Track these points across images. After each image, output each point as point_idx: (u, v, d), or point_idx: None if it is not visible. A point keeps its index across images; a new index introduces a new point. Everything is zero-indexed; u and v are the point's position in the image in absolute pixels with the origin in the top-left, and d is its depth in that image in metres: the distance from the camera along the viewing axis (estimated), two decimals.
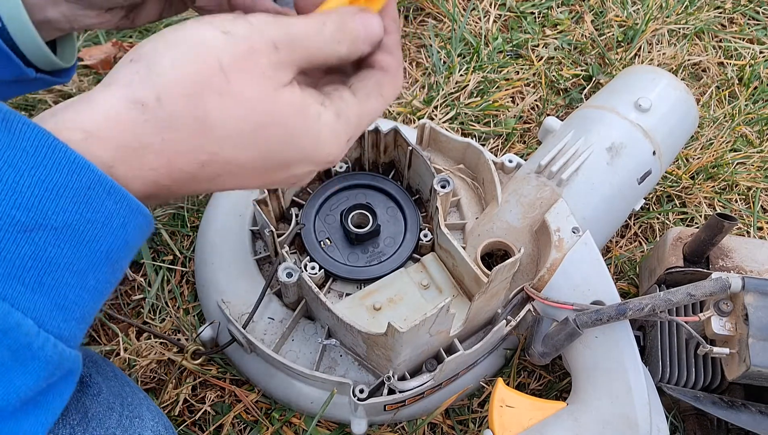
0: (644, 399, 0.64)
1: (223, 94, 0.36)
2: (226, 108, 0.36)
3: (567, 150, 0.79)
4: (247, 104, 0.36)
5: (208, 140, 0.36)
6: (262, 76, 0.37)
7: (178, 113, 0.35)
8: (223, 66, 0.35)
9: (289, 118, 0.38)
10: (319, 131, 0.39)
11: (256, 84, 0.36)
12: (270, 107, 0.37)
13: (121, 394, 0.54)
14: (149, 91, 0.35)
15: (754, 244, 0.78)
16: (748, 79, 1.09)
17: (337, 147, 0.41)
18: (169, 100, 0.35)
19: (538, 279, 0.71)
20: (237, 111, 0.36)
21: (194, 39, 0.36)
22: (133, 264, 0.89)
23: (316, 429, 0.77)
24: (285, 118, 0.38)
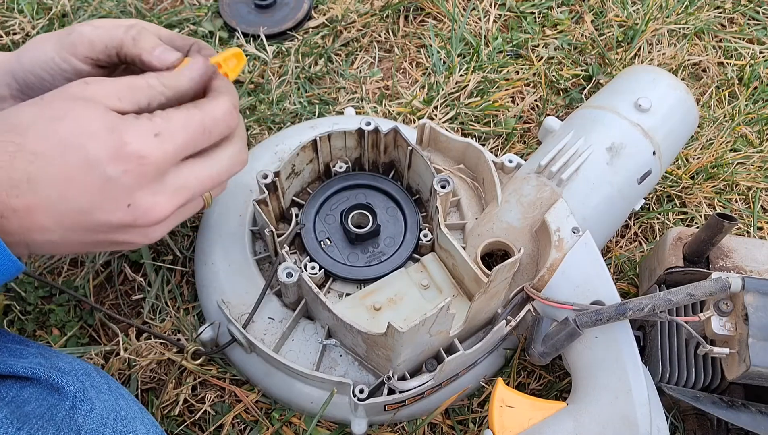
0: (644, 399, 0.64)
1: (33, 104, 0.45)
2: (31, 110, 0.43)
3: (567, 150, 0.79)
4: (49, 106, 0.44)
5: (13, 132, 0.42)
6: (73, 97, 0.46)
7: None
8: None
9: (81, 115, 0.43)
10: (115, 123, 0.44)
11: (63, 99, 0.45)
12: (67, 107, 0.44)
13: (115, 408, 0.54)
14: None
15: (754, 244, 0.78)
16: (748, 79, 1.09)
17: (140, 136, 0.44)
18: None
19: (538, 279, 0.71)
20: (39, 110, 0.44)
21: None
22: (133, 264, 0.89)
23: (316, 429, 0.77)
24: (77, 115, 0.44)
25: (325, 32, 1.12)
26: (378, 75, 1.08)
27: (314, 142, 0.77)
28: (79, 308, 0.86)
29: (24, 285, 0.85)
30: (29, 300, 0.84)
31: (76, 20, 1.10)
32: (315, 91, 1.05)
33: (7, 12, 1.11)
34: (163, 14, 1.13)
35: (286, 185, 0.77)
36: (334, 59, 1.10)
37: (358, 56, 1.11)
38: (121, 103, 0.45)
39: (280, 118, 1.02)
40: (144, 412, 0.57)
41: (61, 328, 0.84)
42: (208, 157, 0.50)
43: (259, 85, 1.06)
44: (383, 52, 1.12)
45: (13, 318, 0.84)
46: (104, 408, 0.52)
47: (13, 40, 1.08)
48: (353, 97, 1.05)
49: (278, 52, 1.10)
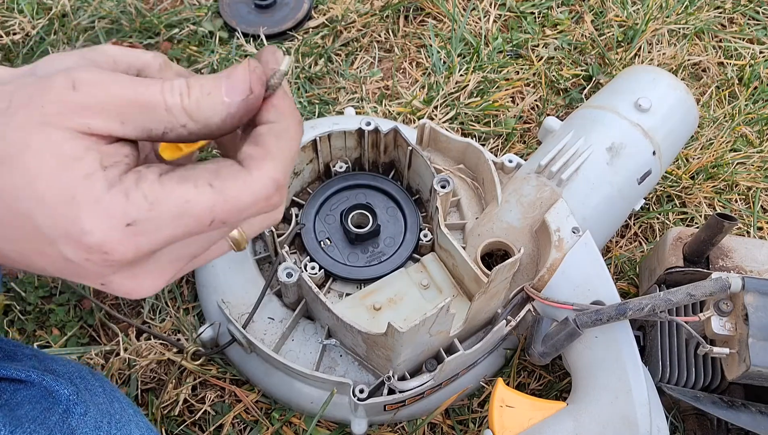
0: (644, 399, 0.64)
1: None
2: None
3: (567, 150, 0.79)
4: (11, 124, 0.30)
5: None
6: (38, 115, 0.30)
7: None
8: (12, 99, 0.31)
9: (35, 161, 0.30)
10: (75, 190, 0.30)
11: (25, 118, 0.30)
12: (21, 136, 0.30)
13: (109, 411, 0.53)
14: None
15: (754, 244, 0.78)
16: (748, 79, 1.09)
17: (103, 224, 0.30)
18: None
19: (538, 279, 0.71)
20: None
21: None
22: None
23: (316, 429, 0.77)
24: (29, 160, 0.30)
25: (325, 32, 1.12)
26: (378, 75, 1.08)
27: (314, 142, 0.77)
28: (79, 308, 0.86)
29: (24, 285, 0.85)
30: (29, 300, 0.84)
31: (75, 20, 1.10)
32: (315, 91, 1.05)
33: (7, 12, 1.11)
34: (163, 14, 1.13)
35: None
36: (334, 59, 1.10)
37: (358, 56, 1.11)
38: (122, 129, 0.31)
39: None
40: (139, 415, 0.57)
41: (61, 328, 0.84)
42: (220, 232, 0.36)
43: None
44: (383, 52, 1.12)
45: (13, 318, 0.84)
46: (98, 411, 0.52)
47: (13, 40, 1.08)
48: (353, 97, 1.05)
49: None
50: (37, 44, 1.08)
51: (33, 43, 1.08)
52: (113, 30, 1.10)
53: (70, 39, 1.08)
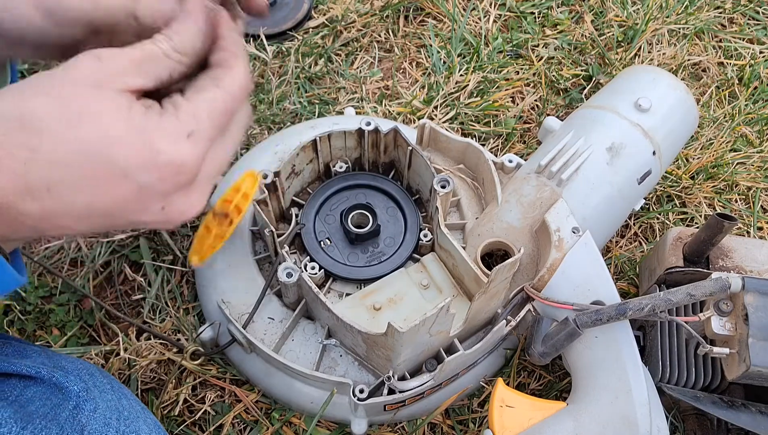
0: (644, 399, 0.64)
1: (45, 94, 0.38)
2: (43, 103, 0.38)
3: (567, 150, 0.79)
4: (62, 99, 0.38)
5: (25, 132, 0.37)
6: (87, 85, 0.38)
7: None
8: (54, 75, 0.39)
9: (101, 114, 0.38)
10: (142, 125, 0.39)
11: (77, 89, 0.38)
12: (84, 102, 0.38)
13: (117, 408, 0.54)
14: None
15: (754, 244, 0.78)
16: (748, 79, 1.09)
17: (173, 141, 0.39)
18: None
19: (538, 279, 0.71)
20: (52, 104, 0.38)
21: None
22: (133, 264, 0.89)
23: (316, 429, 0.77)
24: (97, 114, 0.38)
25: (325, 32, 1.12)
26: (378, 75, 1.08)
27: (314, 142, 0.77)
28: (79, 308, 0.86)
29: (24, 285, 0.85)
30: (29, 300, 0.84)
31: None
32: (315, 91, 1.05)
33: None
34: None
35: (286, 185, 0.77)
36: (334, 59, 1.10)
37: (358, 56, 1.11)
38: (142, 80, 0.40)
39: (280, 118, 1.02)
40: (146, 412, 0.58)
41: (61, 328, 0.84)
42: (228, 133, 0.45)
43: (259, 85, 1.06)
44: (383, 52, 1.12)
45: (13, 318, 0.84)
46: (107, 408, 0.52)
47: None
48: (353, 97, 1.05)
49: (278, 52, 1.10)
50: None
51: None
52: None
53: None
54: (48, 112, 0.38)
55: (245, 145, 0.98)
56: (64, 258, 0.89)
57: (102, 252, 0.88)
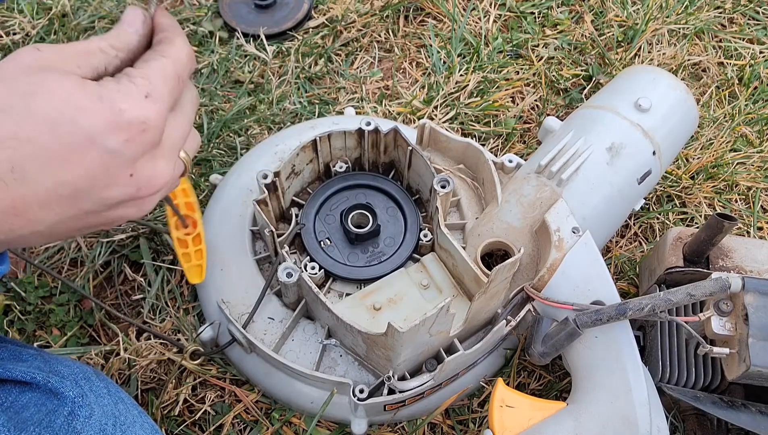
0: (644, 399, 0.64)
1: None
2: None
3: (567, 150, 0.79)
4: (13, 81, 0.38)
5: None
6: (33, 68, 0.39)
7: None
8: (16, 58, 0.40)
9: (56, 87, 0.38)
10: (99, 91, 0.39)
11: (25, 71, 0.39)
12: (35, 80, 0.38)
13: (114, 413, 0.53)
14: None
15: (754, 244, 0.78)
16: (748, 79, 1.09)
17: (134, 101, 0.40)
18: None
19: (538, 279, 0.71)
20: (3, 86, 0.38)
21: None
22: (133, 264, 0.89)
23: (316, 429, 0.77)
24: (52, 87, 0.38)
25: (325, 32, 1.12)
26: (378, 75, 1.08)
27: (314, 142, 0.77)
28: (79, 308, 0.86)
29: (24, 285, 0.85)
30: (29, 300, 0.84)
31: (75, 20, 1.10)
32: (315, 91, 1.05)
33: (7, 12, 1.11)
34: None
35: (286, 185, 0.77)
36: (334, 59, 1.10)
37: (358, 56, 1.11)
38: (80, 70, 0.41)
39: (280, 118, 1.02)
40: (144, 416, 0.57)
41: (61, 328, 0.84)
42: (179, 108, 0.46)
43: (259, 85, 1.06)
44: (383, 52, 1.12)
45: (13, 318, 0.84)
46: (103, 413, 0.52)
47: (13, 40, 1.08)
48: (353, 97, 1.05)
49: (278, 52, 1.10)
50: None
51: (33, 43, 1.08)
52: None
53: (70, 39, 1.08)
54: (1, 94, 0.38)
55: (245, 145, 0.98)
56: (64, 258, 0.89)
57: (102, 252, 0.88)
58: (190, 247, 0.75)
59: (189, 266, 0.75)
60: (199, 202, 0.92)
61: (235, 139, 0.99)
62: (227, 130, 1.00)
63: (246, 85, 1.05)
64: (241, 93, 1.04)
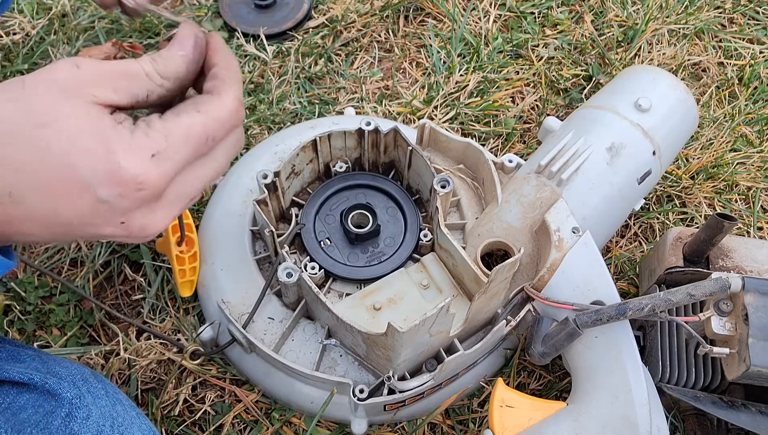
0: (644, 399, 0.64)
1: (13, 100, 0.38)
2: (10, 110, 0.38)
3: (567, 150, 0.79)
4: (30, 104, 0.38)
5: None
6: (59, 90, 0.38)
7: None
8: (25, 81, 0.39)
9: (69, 122, 0.38)
10: (109, 137, 0.38)
11: (48, 95, 0.38)
12: (52, 108, 0.38)
13: (111, 414, 0.53)
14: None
15: (754, 244, 0.78)
16: (748, 79, 1.09)
17: (136, 158, 0.39)
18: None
19: (538, 279, 0.71)
20: (20, 110, 0.38)
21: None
22: (133, 264, 0.89)
23: (316, 429, 0.77)
24: (65, 122, 0.37)
25: (325, 32, 1.12)
26: (378, 75, 1.08)
27: (314, 142, 0.77)
28: (79, 308, 0.86)
29: (24, 285, 0.85)
30: (29, 300, 0.84)
31: (75, 20, 1.10)
32: (315, 91, 1.05)
33: (7, 12, 1.11)
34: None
35: (286, 185, 0.77)
36: (334, 59, 1.10)
37: (358, 56, 1.11)
38: (116, 96, 0.40)
39: (280, 118, 1.02)
40: (142, 417, 0.57)
41: (61, 328, 0.84)
42: (209, 157, 0.44)
43: (259, 85, 1.06)
44: (383, 52, 1.12)
45: (13, 318, 0.84)
46: (101, 415, 0.52)
47: (13, 40, 1.08)
48: (353, 97, 1.05)
49: (278, 52, 1.10)
50: (37, 44, 1.08)
51: (33, 43, 1.08)
52: (113, 30, 1.10)
53: (70, 39, 1.08)
54: (14, 118, 0.38)
55: (245, 145, 0.98)
56: (64, 258, 0.89)
57: (102, 252, 0.88)
58: (186, 265, 0.79)
59: (182, 281, 0.79)
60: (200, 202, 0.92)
61: None
62: None
63: (246, 85, 1.05)
64: None
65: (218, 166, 0.45)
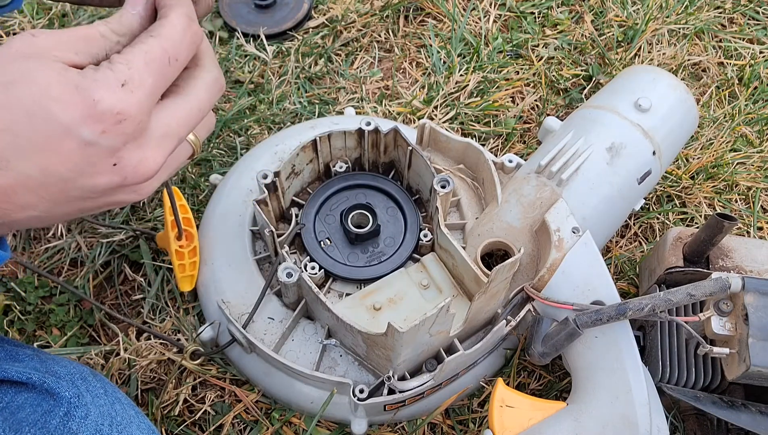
0: (644, 399, 0.64)
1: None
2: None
3: (567, 150, 0.79)
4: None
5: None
6: (21, 56, 0.39)
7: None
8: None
9: (37, 75, 0.38)
10: (77, 81, 0.38)
11: (10, 61, 0.39)
12: (17, 69, 0.38)
13: (110, 413, 0.53)
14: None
15: (754, 244, 0.78)
16: (748, 79, 1.09)
17: (109, 90, 0.39)
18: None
19: (538, 279, 0.71)
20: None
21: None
22: (133, 264, 0.89)
23: (316, 429, 0.77)
24: (32, 76, 0.38)
25: (325, 32, 1.12)
26: (378, 75, 1.08)
27: (314, 142, 0.77)
28: (79, 308, 0.86)
29: (24, 285, 0.85)
30: (29, 300, 0.84)
31: (75, 20, 1.10)
32: (315, 91, 1.05)
33: None
34: None
35: (286, 185, 0.77)
36: (334, 59, 1.10)
37: (358, 56, 1.11)
38: (77, 57, 0.40)
39: (280, 118, 1.02)
40: (141, 416, 0.57)
41: (61, 328, 0.84)
42: (184, 93, 0.45)
43: (259, 85, 1.06)
44: (383, 52, 1.12)
45: (13, 318, 0.84)
46: (99, 414, 0.52)
47: None
48: (353, 97, 1.05)
49: (278, 52, 1.10)
50: None
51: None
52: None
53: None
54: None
55: (245, 145, 0.98)
56: (64, 258, 0.89)
57: (102, 252, 0.88)
58: (185, 259, 0.79)
59: (182, 276, 0.80)
60: (200, 202, 0.93)
61: (235, 139, 0.99)
62: (227, 130, 1.00)
63: (246, 85, 1.05)
64: (241, 93, 1.04)
65: (197, 104, 0.45)
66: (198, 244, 0.80)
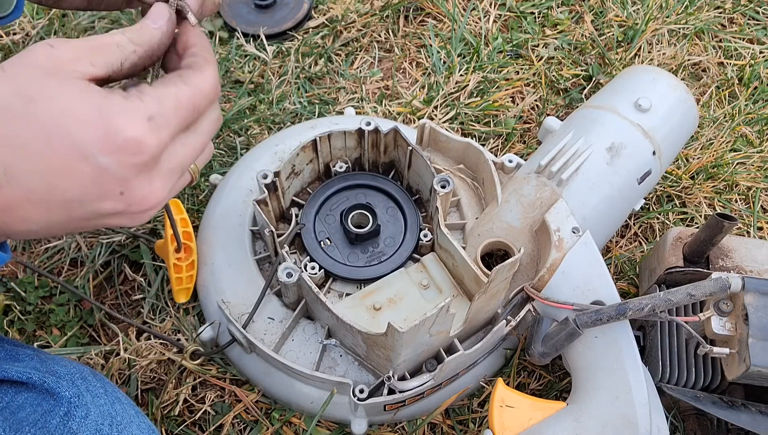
0: (644, 399, 0.64)
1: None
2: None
3: (567, 150, 0.79)
4: (17, 81, 0.38)
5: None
6: (41, 71, 0.38)
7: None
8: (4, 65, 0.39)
9: (59, 95, 0.38)
10: (101, 104, 0.39)
11: (31, 76, 0.38)
12: (39, 84, 0.38)
13: (110, 413, 0.53)
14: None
15: (754, 244, 0.78)
16: (748, 79, 1.09)
17: (133, 121, 0.39)
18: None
19: (538, 279, 0.71)
20: (8, 86, 0.38)
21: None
22: (133, 264, 0.89)
23: (316, 429, 0.77)
24: (54, 95, 0.38)
25: (325, 32, 1.12)
26: (378, 75, 1.08)
27: (314, 142, 0.77)
28: (79, 308, 0.86)
29: (24, 285, 0.85)
30: (29, 300, 0.84)
31: (75, 20, 1.10)
32: (315, 91, 1.05)
33: None
34: None
35: (286, 185, 0.77)
36: (334, 59, 1.10)
37: (358, 56, 1.11)
38: (94, 69, 0.40)
39: (280, 118, 1.02)
40: (141, 416, 0.57)
41: (61, 328, 0.84)
42: (193, 129, 0.45)
43: (259, 85, 1.06)
44: (383, 52, 1.12)
45: (13, 318, 0.84)
46: (99, 414, 0.52)
47: (13, 40, 1.08)
48: (353, 97, 1.05)
49: (278, 52, 1.10)
50: None
51: (33, 43, 1.08)
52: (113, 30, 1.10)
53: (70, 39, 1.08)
54: (3, 93, 0.37)
55: (245, 145, 0.98)
56: (64, 258, 0.89)
57: (102, 252, 0.88)
58: (183, 273, 0.80)
59: (179, 289, 0.80)
60: (200, 202, 0.93)
61: (235, 139, 0.99)
62: (227, 130, 1.00)
63: (246, 85, 1.05)
64: (241, 93, 1.04)
65: (204, 140, 0.46)
66: (196, 258, 0.80)
